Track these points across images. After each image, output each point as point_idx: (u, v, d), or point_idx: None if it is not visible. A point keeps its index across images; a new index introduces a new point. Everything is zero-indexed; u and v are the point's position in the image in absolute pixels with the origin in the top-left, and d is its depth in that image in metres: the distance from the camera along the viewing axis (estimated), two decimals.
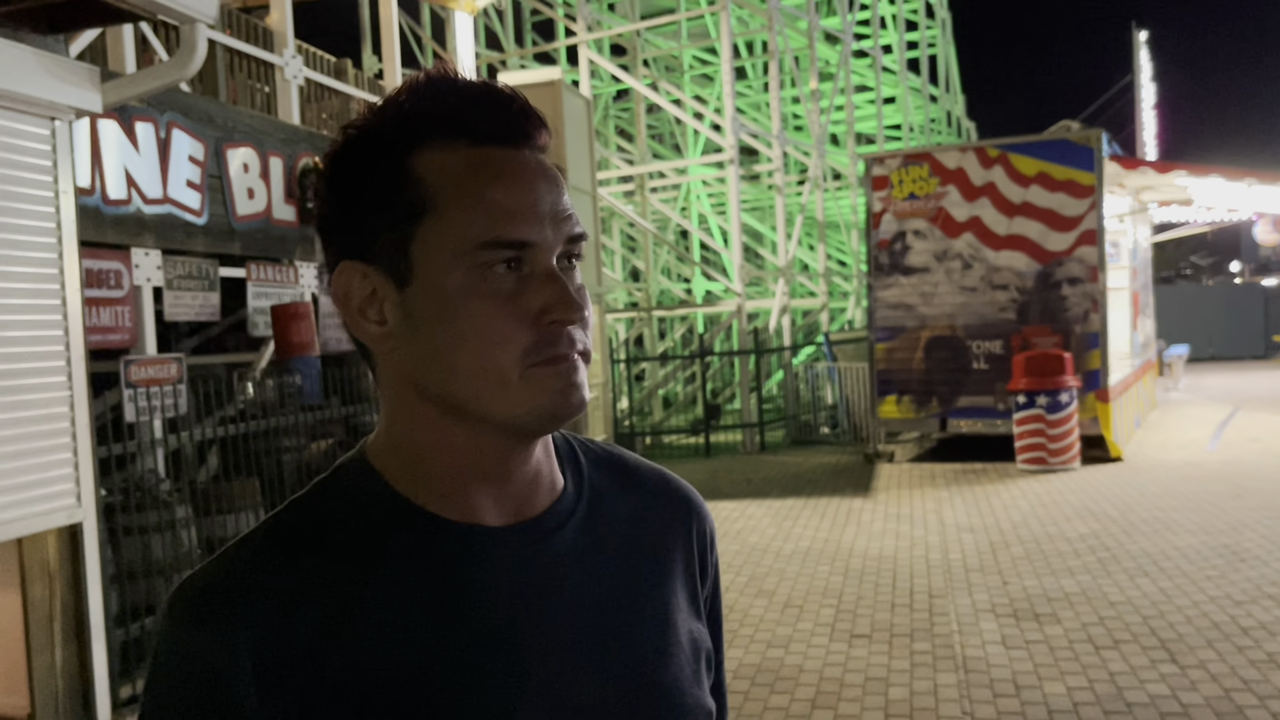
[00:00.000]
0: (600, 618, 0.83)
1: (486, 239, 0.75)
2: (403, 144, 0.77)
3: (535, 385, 0.76)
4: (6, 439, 4.31)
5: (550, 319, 0.76)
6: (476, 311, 0.75)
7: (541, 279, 0.76)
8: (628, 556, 0.88)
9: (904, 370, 11.55)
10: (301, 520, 0.80)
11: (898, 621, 5.62)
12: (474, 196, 0.75)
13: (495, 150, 0.77)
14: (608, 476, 0.91)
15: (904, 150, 12.61)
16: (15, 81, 4.26)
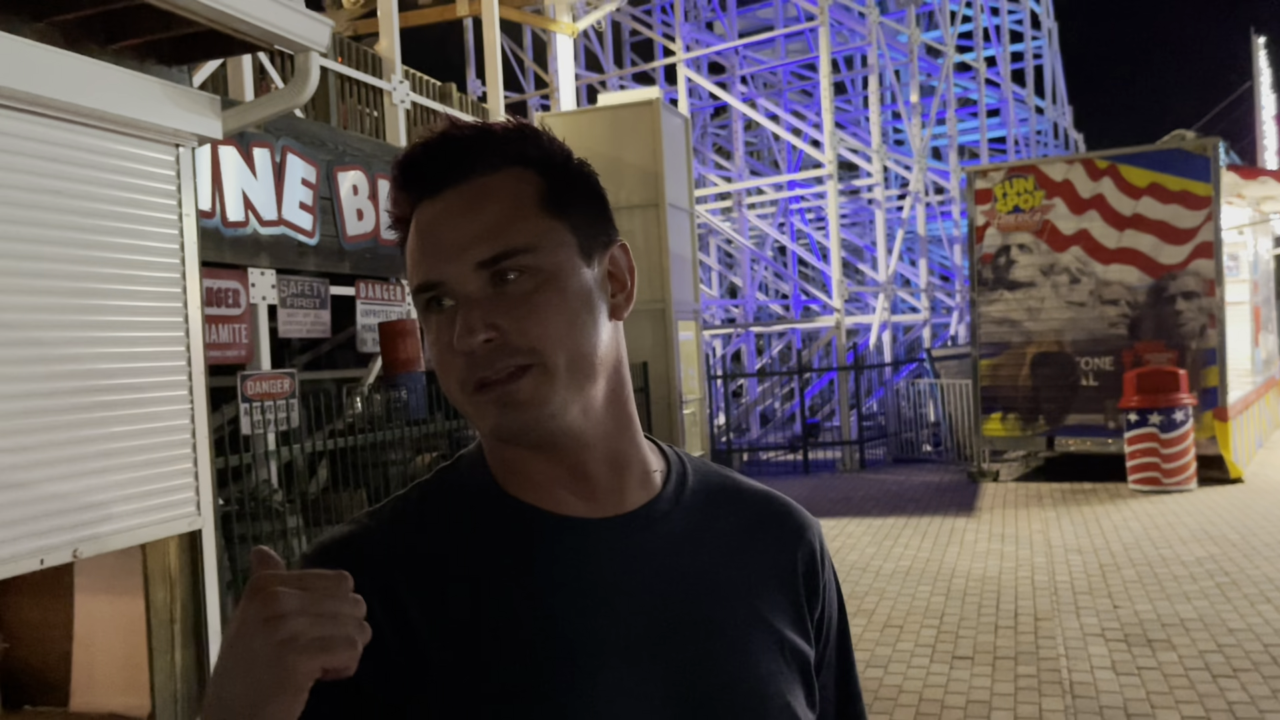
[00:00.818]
0: (691, 614, 0.85)
1: (413, 287, 0.84)
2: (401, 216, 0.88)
3: (477, 410, 0.83)
4: (133, 449, 4.53)
5: (458, 349, 0.81)
6: (432, 349, 0.85)
7: (457, 311, 0.82)
8: (723, 562, 0.90)
9: (1009, 387, 11.28)
10: (418, 501, 0.89)
11: (1001, 644, 5.49)
12: (410, 253, 0.85)
13: (425, 204, 0.85)
14: (710, 489, 0.94)
15: (1008, 163, 12.35)
16: (143, 111, 4.50)
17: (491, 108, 11.39)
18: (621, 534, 0.86)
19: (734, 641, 0.87)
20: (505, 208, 0.83)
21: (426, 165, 0.84)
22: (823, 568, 0.97)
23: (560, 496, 0.86)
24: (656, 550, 0.87)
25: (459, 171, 0.84)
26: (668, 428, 11.63)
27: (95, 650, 5.25)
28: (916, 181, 15.67)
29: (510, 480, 0.88)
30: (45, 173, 4.14)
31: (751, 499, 0.97)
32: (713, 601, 0.87)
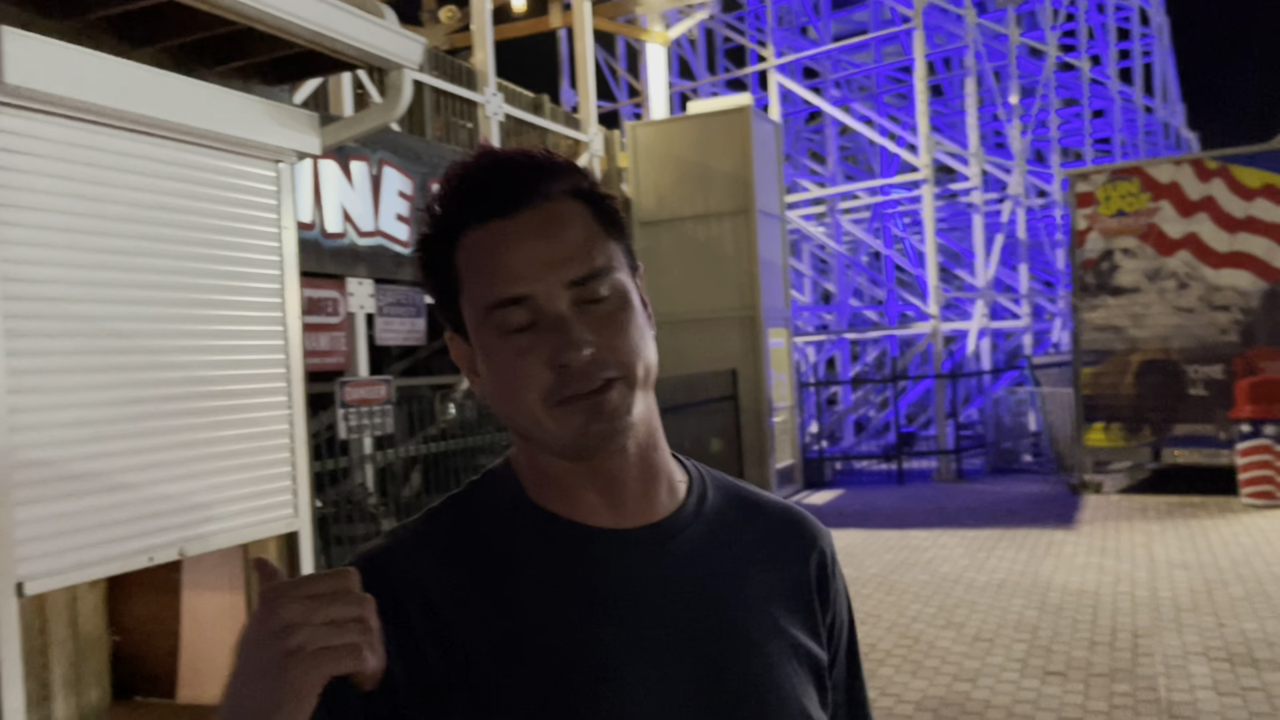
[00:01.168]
0: (712, 620, 0.89)
1: (490, 302, 0.87)
2: (448, 238, 0.90)
3: (560, 422, 0.86)
4: (236, 453, 4.74)
5: (559, 362, 0.84)
6: (504, 365, 0.87)
7: (547, 326, 0.85)
8: (742, 571, 0.94)
9: (1112, 396, 10.94)
10: (451, 512, 0.94)
11: (1096, 660, 5.34)
12: (478, 270, 0.88)
13: (495, 223, 0.88)
14: (728, 501, 0.98)
15: (1111, 165, 11.99)
16: (248, 129, 4.70)
17: (583, 118, 11.53)
18: (648, 544, 0.90)
19: (754, 647, 0.90)
20: (581, 232, 0.88)
21: (498, 186, 0.88)
22: (833, 576, 1.00)
23: (590, 507, 0.90)
24: (680, 560, 0.91)
25: (534, 195, 0.88)
26: (757, 435, 11.59)
27: (200, 645, 5.49)
28: (1016, 185, 15.32)
29: (541, 492, 0.92)
30: (156, 189, 4.37)
31: (768, 510, 1.00)
32: (733, 609, 0.91)
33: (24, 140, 3.81)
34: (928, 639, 5.88)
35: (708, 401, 11.10)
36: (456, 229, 0.90)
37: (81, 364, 3.99)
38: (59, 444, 3.86)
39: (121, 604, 5.63)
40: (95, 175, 4.08)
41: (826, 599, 0.99)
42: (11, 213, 3.75)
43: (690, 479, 0.97)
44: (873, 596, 6.95)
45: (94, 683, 4.04)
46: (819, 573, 0.99)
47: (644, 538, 0.91)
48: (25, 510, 3.71)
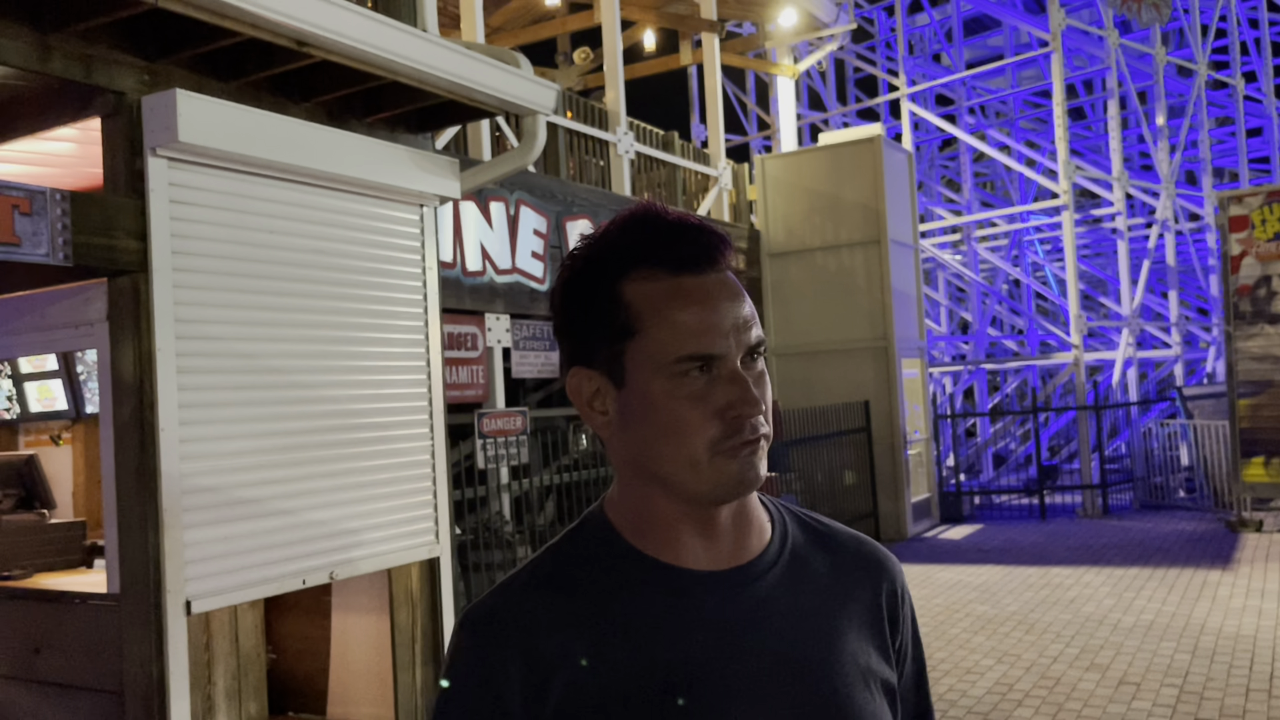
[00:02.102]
0: (795, 655, 0.97)
1: (681, 355, 0.93)
2: (614, 273, 0.96)
3: (720, 469, 0.93)
4: (382, 482, 4.99)
5: (733, 414, 0.92)
6: (674, 410, 0.93)
7: (726, 380, 0.93)
8: (822, 604, 1.01)
9: (1272, 429, 10.36)
10: (553, 563, 1.01)
11: (1253, 708, 5.07)
12: (670, 320, 0.93)
13: (688, 278, 0.95)
14: (807, 536, 1.06)
15: (1266, 186, 11.41)
16: (393, 176, 4.99)
17: (713, 153, 11.68)
18: (741, 584, 0.98)
19: (838, 676, 0.97)
20: (750, 303, 0.98)
21: (688, 243, 0.95)
22: (903, 603, 1.08)
23: (688, 550, 0.98)
24: (769, 596, 0.98)
25: (721, 260, 0.96)
26: (891, 468, 11.41)
27: (348, 664, 5.76)
28: (1164, 209, 14.71)
29: (642, 538, 0.99)
30: (310, 234, 4.68)
31: (842, 541, 1.08)
32: (818, 640, 0.98)
33: (194, 192, 4.15)
34: (1069, 681, 5.70)
35: (841, 434, 11.00)
36: (630, 269, 0.95)
37: (243, 398, 4.29)
38: (223, 471, 4.16)
39: (276, 624, 5.96)
40: (256, 223, 4.41)
41: (897, 624, 1.06)
42: (184, 259, 4.08)
43: (772, 519, 1.04)
44: (1011, 635, 6.76)
45: (253, 697, 4.30)
46: (890, 600, 1.06)
47: (736, 579, 0.98)
48: (193, 534, 4.01)
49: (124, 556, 3.96)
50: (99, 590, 4.14)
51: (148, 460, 3.89)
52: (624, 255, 0.96)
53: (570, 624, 0.96)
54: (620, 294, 0.95)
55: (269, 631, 5.91)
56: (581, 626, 0.95)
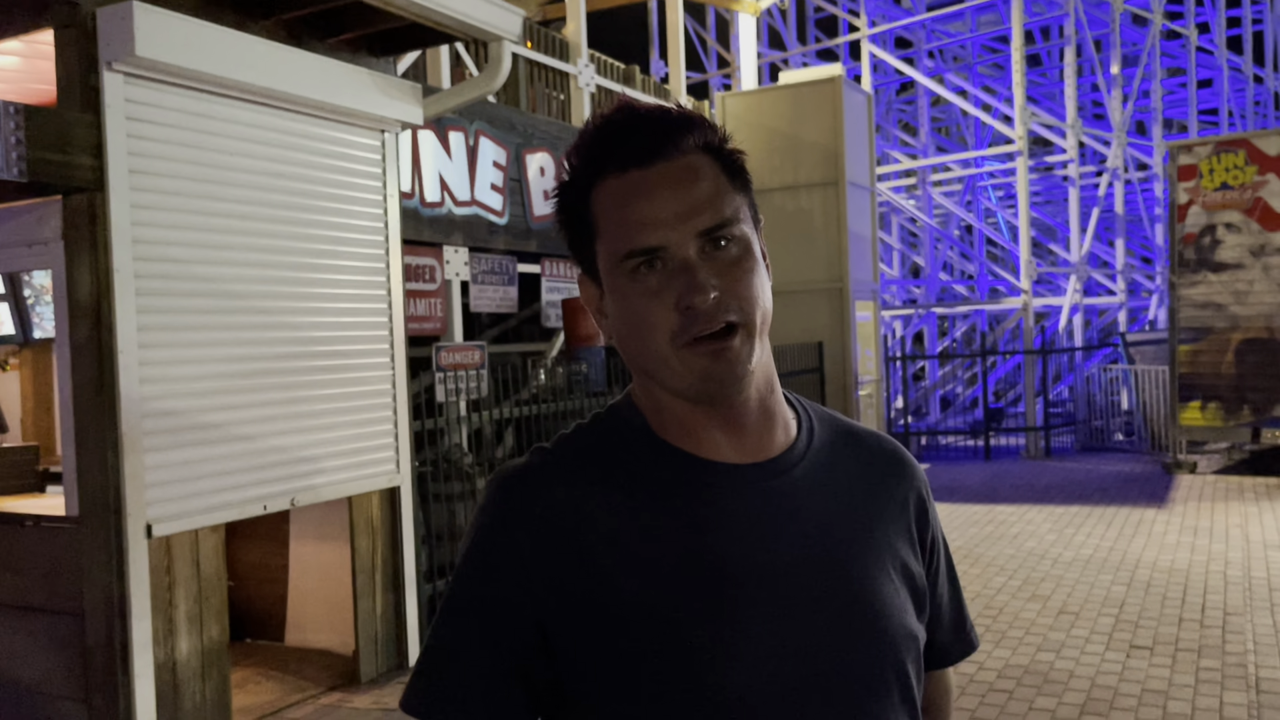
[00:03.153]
0: (823, 544, 0.99)
1: (625, 251, 0.94)
2: (584, 181, 0.98)
3: (686, 364, 0.94)
4: (343, 410, 4.98)
5: (684, 305, 0.92)
6: (634, 307, 0.95)
7: (675, 271, 0.93)
8: (849, 497, 1.03)
9: (1210, 375, 10.66)
10: (583, 440, 1.03)
11: (1185, 636, 5.30)
12: (614, 219, 0.96)
13: (633, 173, 0.95)
14: (831, 432, 1.08)
15: (1215, 137, 11.61)
16: (356, 100, 4.90)
17: (674, 89, 11.58)
18: (766, 477, 0.99)
19: (860, 566, 1.00)
20: (712, 184, 0.95)
21: (635, 138, 0.94)
22: (928, 499, 1.11)
23: (714, 443, 0.99)
24: (794, 491, 1.00)
25: (670, 148, 0.94)
26: (842, 408, 11.58)
27: (307, 592, 5.79)
28: (1115, 157, 14.91)
29: (666, 429, 1.00)
30: (271, 158, 4.60)
31: (867, 441, 1.10)
32: (842, 534, 1.00)
33: (152, 110, 4.05)
34: (1011, 610, 5.90)
35: (793, 373, 11.12)
36: (593, 176, 0.97)
37: (203, 322, 4.24)
38: (184, 395, 4.12)
39: (235, 552, 5.95)
40: (216, 144, 4.32)
41: (925, 520, 1.09)
42: (142, 178, 4.00)
43: (799, 417, 1.06)
44: (957, 569, 6.95)
45: (215, 620, 4.31)
46: (918, 497, 1.09)
47: (762, 472, 0.99)
48: (154, 457, 3.98)
49: (83, 479, 3.92)
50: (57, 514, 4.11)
51: (106, 382, 3.85)
52: (589, 162, 0.98)
53: (601, 495, 0.97)
54: (589, 200, 0.97)
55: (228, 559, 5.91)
56: (612, 499, 0.97)
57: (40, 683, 4.12)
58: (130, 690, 3.90)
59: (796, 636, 0.95)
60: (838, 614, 0.97)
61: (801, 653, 0.95)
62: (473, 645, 0.96)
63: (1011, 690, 4.64)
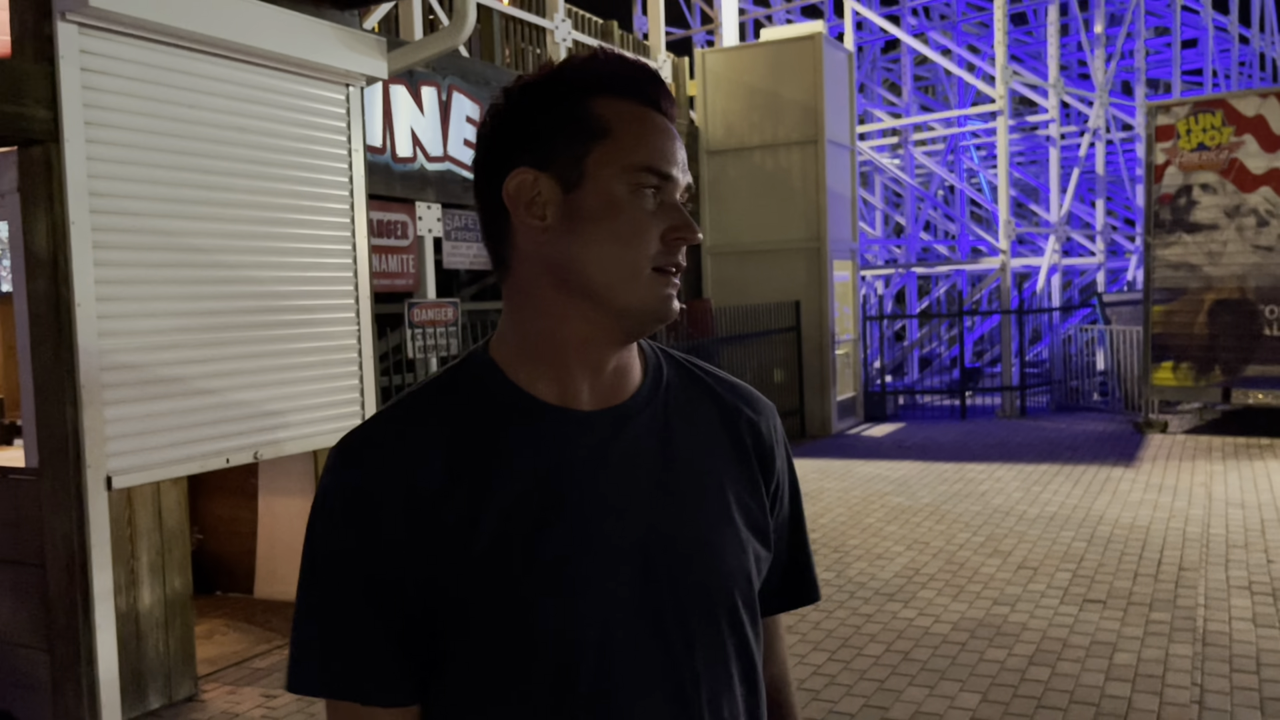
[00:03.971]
0: (661, 484, 1.03)
1: (647, 165, 0.99)
2: (585, 89, 1.00)
3: (651, 287, 1.00)
4: (307, 365, 5.00)
5: (675, 235, 1.00)
6: (630, 216, 0.99)
7: (671, 206, 1.01)
8: (693, 438, 1.07)
9: (1183, 335, 10.75)
10: (433, 393, 1.04)
11: (1138, 590, 5.40)
12: (640, 134, 1.00)
13: (653, 111, 1.02)
14: (684, 378, 1.12)
15: (1193, 98, 11.60)
16: (316, 52, 4.88)
17: (653, 45, 11.50)
18: (612, 422, 1.03)
19: (697, 506, 1.04)
20: None
21: (658, 87, 1.02)
22: (777, 444, 1.14)
23: (570, 387, 1.03)
24: (642, 433, 1.04)
25: (674, 111, 1.04)
26: (819, 367, 11.65)
27: (275, 545, 5.84)
28: (1097, 118, 14.89)
29: (523, 372, 1.03)
30: (231, 111, 4.58)
31: (718, 385, 1.14)
32: (681, 474, 1.04)
33: (108, 61, 4.03)
34: (972, 565, 6.00)
35: (771, 332, 11.17)
36: (609, 90, 1.00)
37: (163, 276, 4.24)
38: (143, 349, 4.14)
39: (204, 506, 6.00)
40: (175, 96, 4.30)
41: (770, 464, 1.12)
42: (101, 131, 3.98)
43: (648, 361, 1.10)
44: (923, 524, 7.06)
45: (177, 572, 4.36)
46: (762, 440, 1.12)
47: (611, 416, 1.03)
48: (114, 410, 4.00)
49: (42, 431, 3.95)
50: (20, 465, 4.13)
51: (64, 335, 3.86)
52: (594, 79, 1.00)
53: (444, 450, 0.99)
54: (590, 105, 0.99)
55: (196, 513, 5.96)
56: (456, 452, 0.99)
57: (5, 632, 4.17)
58: (92, 639, 3.95)
59: (629, 577, 0.98)
60: (674, 554, 1.00)
61: (633, 593, 0.98)
62: (350, 613, 0.97)
63: (964, 642, 4.74)
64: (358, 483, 0.98)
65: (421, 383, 1.06)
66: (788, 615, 1.21)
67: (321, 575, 0.99)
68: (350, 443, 1.01)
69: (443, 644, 0.98)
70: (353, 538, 0.97)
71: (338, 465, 1.00)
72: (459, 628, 0.97)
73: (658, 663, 0.99)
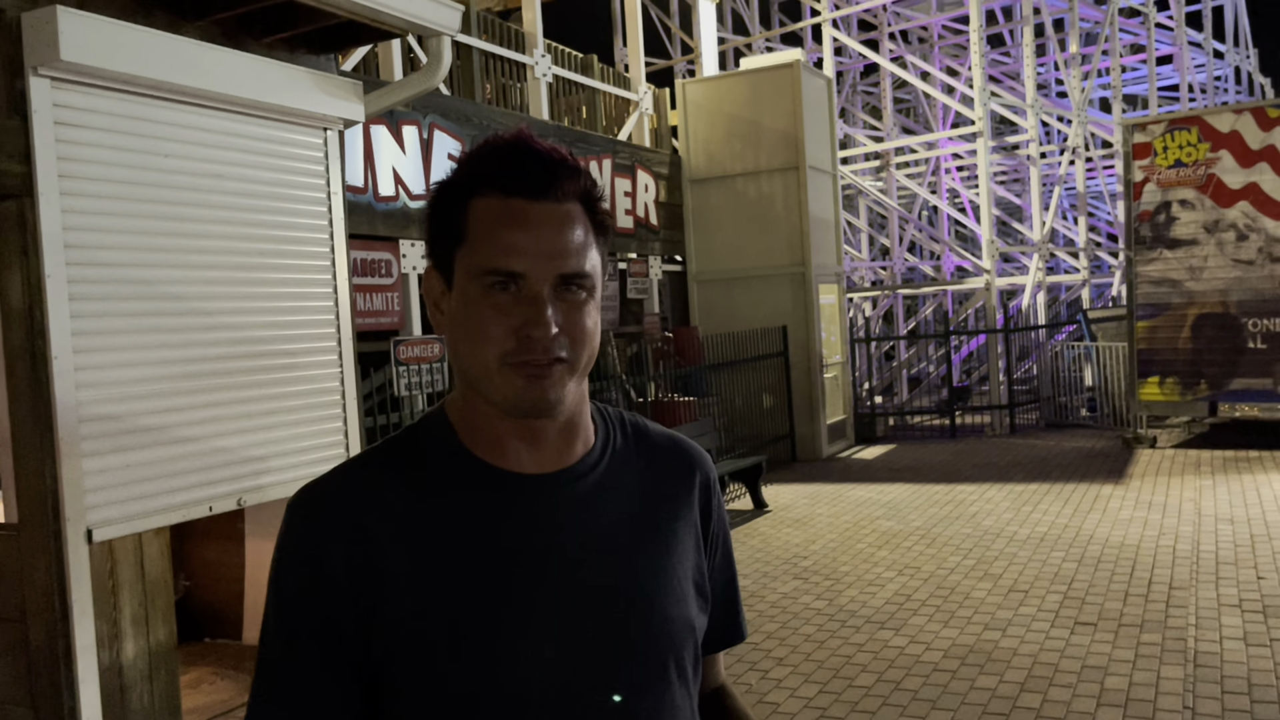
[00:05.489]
0: (609, 543, 1.06)
1: (488, 267, 1.00)
2: (464, 192, 1.04)
3: (506, 380, 1.01)
4: (289, 409, 4.98)
5: (524, 332, 0.99)
6: (478, 316, 1.01)
7: (527, 301, 1.00)
8: (639, 498, 1.10)
9: (1168, 350, 10.80)
10: (388, 452, 1.09)
11: (1129, 611, 5.39)
12: (488, 235, 1.01)
13: (518, 201, 1.01)
14: (628, 439, 1.15)
15: (1169, 115, 11.71)
16: (293, 99, 4.90)
17: (634, 77, 11.58)
18: (558, 485, 1.06)
19: (645, 562, 1.07)
20: (583, 236, 1.03)
21: (528, 171, 1.01)
22: (713, 494, 1.19)
23: (515, 454, 1.06)
24: (586, 497, 1.07)
25: (556, 191, 1.02)
26: (807, 390, 11.66)
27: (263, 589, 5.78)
28: (1076, 136, 15.01)
29: (474, 439, 1.07)
30: (208, 159, 4.59)
31: (659, 443, 1.17)
32: (628, 533, 1.08)
33: (81, 114, 4.04)
34: (963, 590, 5.98)
35: (758, 358, 11.18)
36: (477, 189, 1.03)
37: (141, 325, 4.24)
38: (122, 399, 4.13)
39: (191, 550, 5.97)
40: (149, 146, 4.31)
41: (707, 514, 1.17)
42: (74, 184, 3.99)
43: (600, 428, 1.13)
44: (914, 549, 7.05)
45: (161, 622, 4.33)
46: (701, 493, 1.16)
47: (555, 481, 1.06)
48: (93, 462, 3.98)
49: (21, 486, 3.92)
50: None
51: (41, 389, 3.85)
52: (472, 177, 1.04)
53: (396, 509, 1.02)
54: (465, 209, 1.03)
55: (183, 559, 5.92)
56: (407, 512, 1.02)
57: None
58: (75, 694, 3.91)
59: (578, 632, 1.01)
60: (620, 608, 1.04)
61: (581, 647, 1.01)
62: (297, 662, 1.01)
63: (956, 670, 4.72)
64: (308, 533, 1.02)
65: (381, 441, 1.10)
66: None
67: (274, 624, 1.03)
68: (304, 495, 1.05)
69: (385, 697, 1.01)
70: (302, 586, 1.01)
71: (291, 516, 1.04)
72: (401, 683, 1.00)
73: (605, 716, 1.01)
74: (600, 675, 1.01)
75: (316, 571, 1.00)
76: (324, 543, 1.01)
